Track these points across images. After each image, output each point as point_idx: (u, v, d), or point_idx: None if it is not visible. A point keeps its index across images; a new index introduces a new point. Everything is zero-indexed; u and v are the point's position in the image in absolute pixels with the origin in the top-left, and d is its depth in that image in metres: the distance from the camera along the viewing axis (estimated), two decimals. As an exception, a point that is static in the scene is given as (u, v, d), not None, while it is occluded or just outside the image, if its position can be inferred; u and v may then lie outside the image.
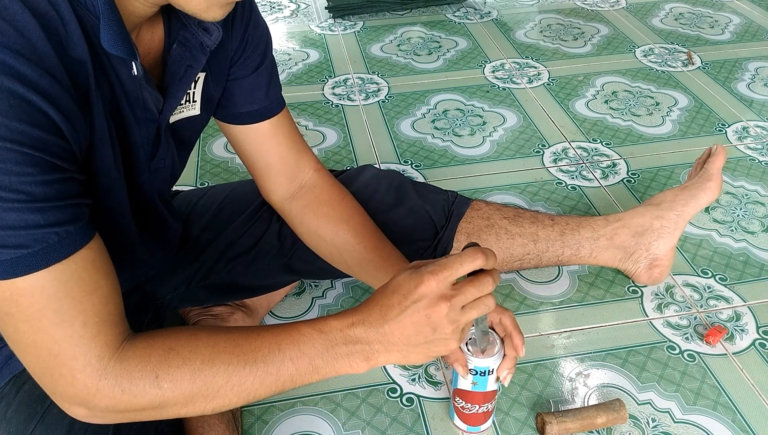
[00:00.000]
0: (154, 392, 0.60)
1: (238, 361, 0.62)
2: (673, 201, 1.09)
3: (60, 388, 0.59)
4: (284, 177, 0.91)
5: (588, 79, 1.79)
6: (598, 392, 0.96)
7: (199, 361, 0.61)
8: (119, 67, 0.62)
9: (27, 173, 0.53)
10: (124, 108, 0.65)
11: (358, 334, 0.64)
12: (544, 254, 1.09)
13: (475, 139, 1.54)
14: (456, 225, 1.04)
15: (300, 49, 1.97)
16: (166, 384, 0.60)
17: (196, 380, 0.61)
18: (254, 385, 0.63)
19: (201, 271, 0.98)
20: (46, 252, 0.55)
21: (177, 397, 0.61)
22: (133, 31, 0.65)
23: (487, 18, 2.16)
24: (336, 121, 1.62)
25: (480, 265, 0.63)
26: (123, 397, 0.59)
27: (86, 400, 0.59)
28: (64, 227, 0.56)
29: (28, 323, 0.56)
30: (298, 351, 0.64)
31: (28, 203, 0.53)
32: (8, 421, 0.70)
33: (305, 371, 0.64)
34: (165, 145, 0.74)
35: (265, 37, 0.85)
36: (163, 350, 0.61)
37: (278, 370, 0.63)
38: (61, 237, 0.55)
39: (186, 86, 0.72)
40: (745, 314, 1.09)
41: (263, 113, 0.87)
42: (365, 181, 1.05)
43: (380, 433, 0.91)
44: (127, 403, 0.60)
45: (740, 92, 1.72)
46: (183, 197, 1.07)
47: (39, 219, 0.54)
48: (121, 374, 0.59)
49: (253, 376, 0.63)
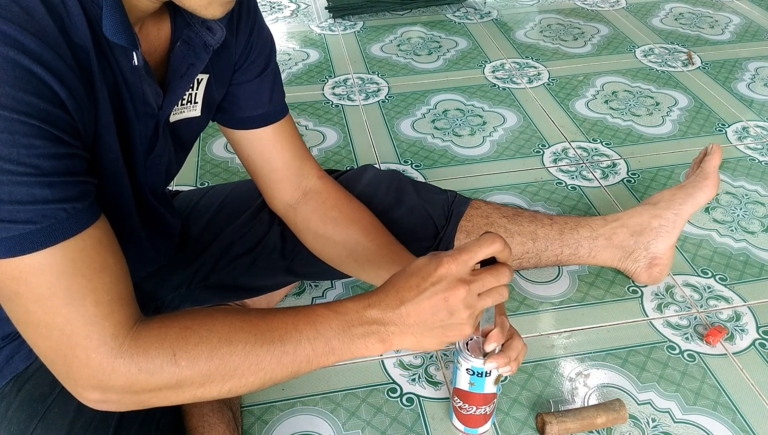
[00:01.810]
0: (171, 370, 0.59)
1: (256, 340, 0.62)
2: (671, 200, 1.09)
3: (74, 369, 0.58)
4: (288, 183, 0.91)
5: (588, 79, 1.79)
6: (598, 392, 0.97)
7: (216, 339, 0.61)
8: (120, 58, 0.62)
9: (35, 146, 0.52)
10: (125, 99, 0.65)
11: (374, 316, 0.65)
12: (543, 253, 1.09)
13: (475, 139, 1.54)
14: (456, 224, 1.04)
15: (300, 49, 1.97)
16: (184, 362, 0.59)
17: (213, 358, 0.60)
18: (271, 365, 0.62)
19: (201, 271, 0.98)
20: (54, 228, 0.54)
21: (194, 376, 0.60)
22: (137, 26, 0.65)
23: (487, 18, 2.16)
24: (336, 121, 1.62)
25: (498, 249, 0.64)
26: (140, 376, 0.58)
27: (102, 382, 0.58)
28: (72, 204, 0.55)
29: (38, 303, 0.55)
30: (315, 331, 0.64)
31: (37, 177, 0.53)
32: (9, 421, 0.70)
33: (322, 352, 0.64)
34: (162, 141, 0.74)
35: (270, 43, 0.85)
36: (179, 329, 0.60)
37: (295, 350, 0.63)
38: (69, 213, 0.55)
39: (187, 84, 0.72)
40: (745, 314, 1.09)
41: (267, 118, 0.87)
42: (365, 182, 1.05)
43: (380, 433, 0.91)
44: (143, 383, 0.59)
45: (740, 92, 1.72)
46: (183, 197, 1.07)
47: (48, 194, 0.53)
48: (138, 352, 0.58)
49: (270, 356, 0.62)
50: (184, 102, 0.76)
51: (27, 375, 0.74)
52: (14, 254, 0.54)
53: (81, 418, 0.69)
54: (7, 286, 0.56)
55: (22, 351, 0.75)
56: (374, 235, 0.91)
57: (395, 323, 0.65)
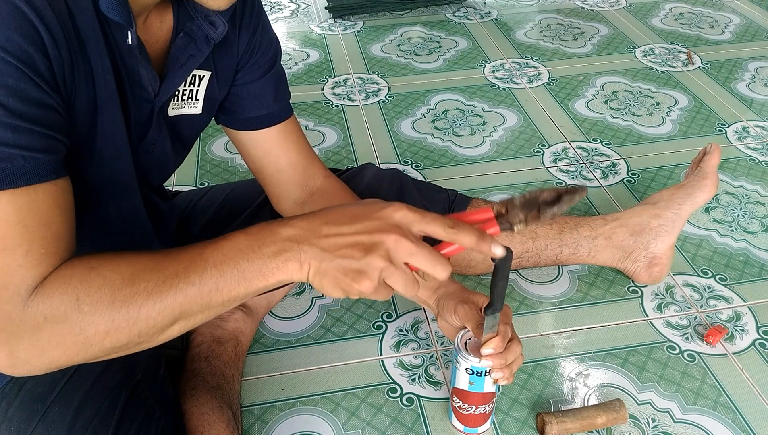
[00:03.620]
0: (75, 317, 0.55)
1: (158, 276, 0.57)
2: (670, 199, 1.09)
3: None
4: (295, 183, 0.91)
5: (588, 79, 1.79)
6: (598, 392, 0.97)
7: (120, 279, 0.56)
8: (118, 37, 0.62)
9: (7, 85, 0.51)
10: (123, 78, 0.65)
11: (289, 233, 0.58)
12: (542, 252, 1.09)
13: (475, 139, 1.54)
14: (456, 224, 1.04)
15: (300, 49, 1.97)
16: (87, 307, 0.55)
17: (116, 301, 0.55)
18: (177, 300, 0.56)
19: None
20: (8, 172, 0.52)
21: (98, 322, 0.55)
22: (142, 15, 0.66)
23: (487, 18, 2.16)
24: (336, 121, 1.62)
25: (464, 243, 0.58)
26: (45, 326, 0.54)
27: (8, 338, 0.54)
28: (33, 153, 0.53)
29: None
30: (222, 255, 0.58)
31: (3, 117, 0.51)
32: (9, 420, 0.70)
33: (230, 277, 0.57)
34: (156, 130, 0.73)
35: (275, 44, 0.86)
36: (84, 269, 0.56)
37: (201, 279, 0.57)
38: (27, 161, 0.53)
39: (185, 74, 0.73)
40: (745, 314, 1.09)
41: (272, 118, 0.87)
42: (367, 180, 1.05)
43: (380, 433, 0.91)
44: (49, 335, 0.55)
45: (740, 92, 1.72)
46: (183, 197, 1.07)
47: (9, 137, 0.52)
48: (43, 300, 0.54)
49: (174, 290, 0.56)
50: (184, 97, 0.76)
51: (27, 374, 0.74)
52: None
53: (81, 417, 0.69)
54: None
55: (21, 350, 0.74)
56: None
57: (309, 242, 0.57)
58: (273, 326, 1.07)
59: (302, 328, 1.07)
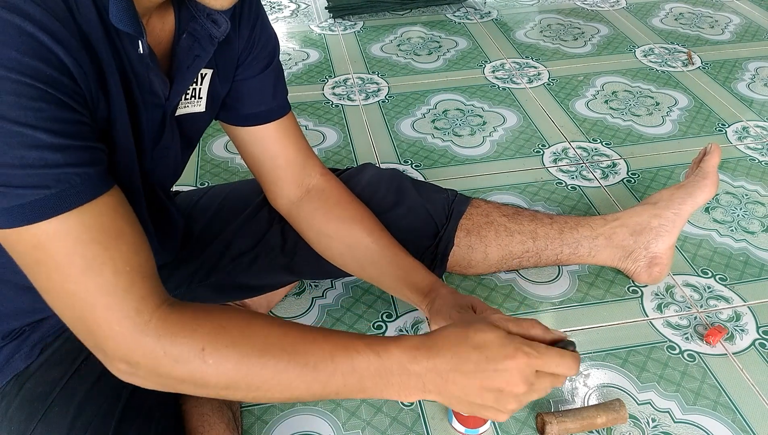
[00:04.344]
0: (196, 364, 0.58)
1: (289, 360, 0.60)
2: (670, 199, 1.09)
3: (99, 341, 0.57)
4: (292, 181, 0.91)
5: (588, 79, 1.79)
6: (598, 392, 0.97)
7: (249, 347, 0.59)
8: (128, 47, 0.63)
9: (42, 109, 0.52)
10: (134, 88, 0.66)
11: (418, 371, 0.62)
12: (543, 252, 1.09)
13: (475, 139, 1.54)
14: (457, 223, 1.05)
15: (300, 49, 1.97)
16: (212, 360, 0.58)
17: (242, 366, 0.59)
18: (300, 389, 0.61)
19: (202, 269, 0.98)
20: (68, 193, 0.54)
21: (219, 377, 0.59)
22: (144, 18, 0.66)
23: (487, 18, 2.16)
24: (336, 121, 1.62)
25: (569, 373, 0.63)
26: (164, 360, 0.57)
27: (126, 355, 0.57)
28: (84, 168, 0.55)
29: (58, 271, 0.55)
30: (351, 368, 0.61)
31: (47, 140, 0.52)
32: (10, 420, 0.70)
33: (353, 388, 0.62)
34: (169, 133, 0.74)
35: (273, 40, 0.86)
36: (213, 326, 0.59)
37: (327, 380, 0.61)
38: (83, 179, 0.54)
39: (193, 75, 0.73)
40: (745, 314, 1.09)
41: (270, 114, 0.87)
42: (366, 181, 1.05)
43: (380, 433, 0.91)
44: (167, 368, 0.58)
45: (740, 92, 1.72)
46: (183, 197, 1.07)
47: (59, 158, 0.53)
48: (165, 335, 0.57)
49: (300, 380, 0.60)
50: (188, 96, 0.76)
51: (28, 374, 0.74)
52: (31, 221, 0.53)
53: (81, 417, 0.69)
54: (29, 255, 0.55)
55: (22, 350, 0.75)
56: (377, 236, 0.91)
57: (437, 384, 0.62)
58: (273, 326, 1.07)
59: (302, 328, 1.07)
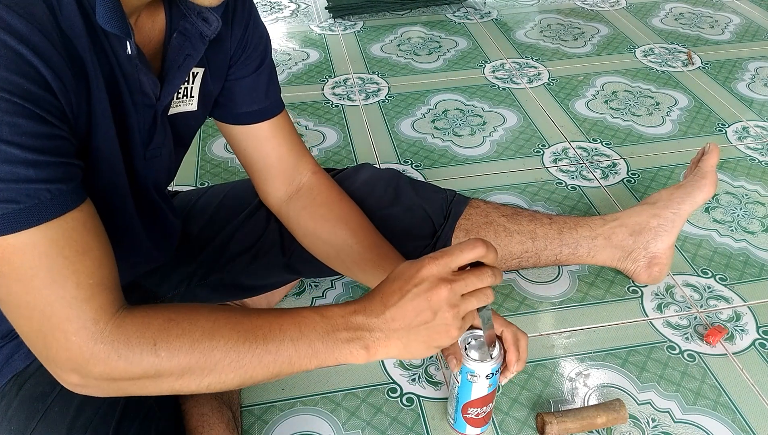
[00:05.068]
0: (150, 360, 0.59)
1: (238, 337, 0.61)
2: (669, 199, 1.09)
3: (53, 352, 0.58)
4: (282, 179, 0.91)
5: (588, 79, 1.79)
6: (598, 392, 0.97)
7: (199, 332, 0.60)
8: (117, 48, 0.62)
9: (19, 124, 0.52)
10: (122, 89, 0.65)
11: (360, 321, 0.64)
12: (542, 252, 1.09)
13: (475, 139, 1.54)
14: (454, 223, 1.04)
15: (300, 49, 1.97)
16: (164, 352, 0.59)
17: (194, 351, 0.60)
18: (252, 363, 0.62)
19: (201, 269, 0.98)
20: (38, 209, 0.54)
21: (173, 367, 0.60)
22: (132, 17, 0.65)
23: (487, 18, 2.16)
24: (336, 121, 1.62)
25: (480, 254, 0.64)
26: (119, 363, 0.58)
27: (80, 366, 0.58)
28: (56, 184, 0.55)
29: (20, 283, 0.55)
30: (299, 332, 0.63)
31: (21, 156, 0.52)
32: (9, 420, 0.70)
33: (304, 353, 0.63)
34: (161, 133, 0.74)
35: (265, 39, 0.85)
36: (162, 320, 0.60)
37: (277, 349, 0.62)
38: (53, 194, 0.55)
39: (184, 74, 0.72)
40: (745, 314, 1.09)
41: (263, 113, 0.87)
42: (363, 180, 1.05)
43: (380, 433, 0.91)
44: (122, 371, 0.59)
45: (740, 92, 1.72)
46: (182, 197, 1.07)
47: (31, 173, 0.53)
48: (118, 339, 0.58)
49: (251, 354, 0.62)
50: (179, 96, 0.76)
51: (27, 374, 0.74)
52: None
53: (81, 417, 0.69)
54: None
55: (22, 350, 0.75)
56: (362, 237, 0.90)
57: (380, 329, 0.64)
58: (273, 326, 1.07)
59: (302, 328, 1.07)
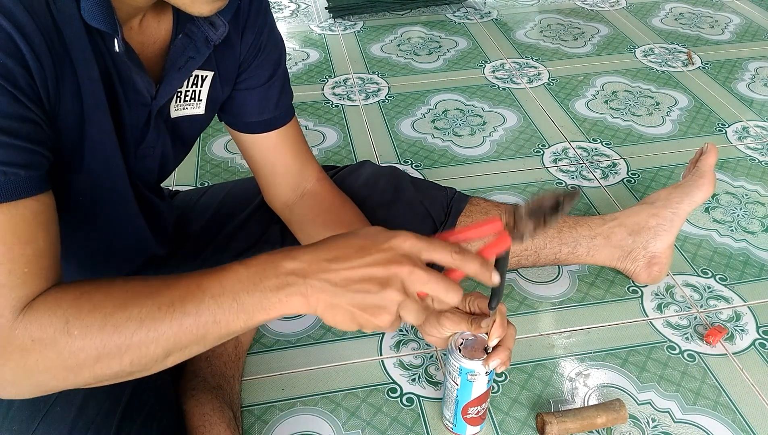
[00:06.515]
0: (64, 341, 0.53)
1: (152, 303, 0.55)
2: (668, 199, 1.10)
3: None
4: (287, 185, 0.92)
5: (588, 79, 1.79)
6: (598, 392, 0.97)
7: (111, 305, 0.55)
8: (109, 44, 0.62)
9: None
10: (116, 85, 0.65)
11: (293, 266, 0.56)
12: (541, 251, 1.10)
13: (475, 139, 1.54)
14: (455, 220, 1.05)
15: (300, 49, 1.97)
16: (77, 331, 0.53)
17: (107, 326, 0.54)
18: (172, 329, 0.55)
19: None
20: None
21: (88, 347, 0.54)
22: (136, 17, 0.65)
23: (487, 18, 2.16)
24: (336, 121, 1.62)
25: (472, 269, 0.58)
26: (32, 348, 0.53)
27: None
28: (13, 169, 0.53)
29: None
30: (220, 287, 0.56)
31: None
32: (11, 420, 0.70)
33: (229, 309, 0.56)
34: (155, 133, 0.73)
35: (279, 47, 0.85)
36: (75, 295, 0.55)
37: (197, 310, 0.55)
38: (7, 177, 0.52)
39: (184, 76, 0.72)
40: (745, 314, 1.09)
41: (272, 123, 0.87)
42: (364, 178, 1.05)
43: (380, 433, 0.91)
44: (36, 357, 0.53)
45: (740, 92, 1.72)
46: (183, 197, 1.07)
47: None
48: (31, 321, 0.53)
49: (169, 319, 0.55)
50: (187, 98, 0.76)
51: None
52: None
53: (83, 416, 0.69)
54: None
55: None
56: None
57: (317, 277, 0.56)
58: (273, 326, 1.07)
59: (302, 328, 1.07)
